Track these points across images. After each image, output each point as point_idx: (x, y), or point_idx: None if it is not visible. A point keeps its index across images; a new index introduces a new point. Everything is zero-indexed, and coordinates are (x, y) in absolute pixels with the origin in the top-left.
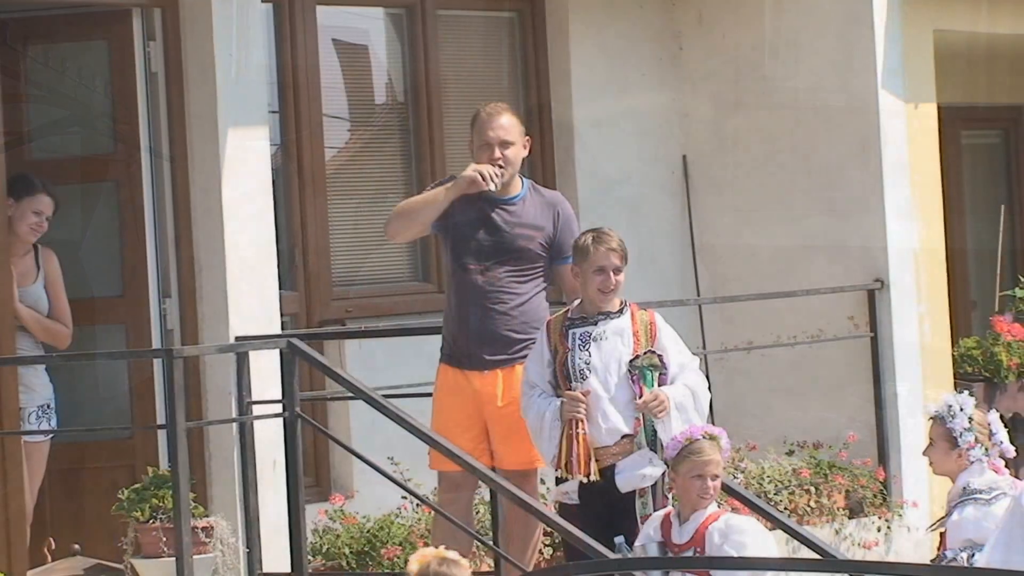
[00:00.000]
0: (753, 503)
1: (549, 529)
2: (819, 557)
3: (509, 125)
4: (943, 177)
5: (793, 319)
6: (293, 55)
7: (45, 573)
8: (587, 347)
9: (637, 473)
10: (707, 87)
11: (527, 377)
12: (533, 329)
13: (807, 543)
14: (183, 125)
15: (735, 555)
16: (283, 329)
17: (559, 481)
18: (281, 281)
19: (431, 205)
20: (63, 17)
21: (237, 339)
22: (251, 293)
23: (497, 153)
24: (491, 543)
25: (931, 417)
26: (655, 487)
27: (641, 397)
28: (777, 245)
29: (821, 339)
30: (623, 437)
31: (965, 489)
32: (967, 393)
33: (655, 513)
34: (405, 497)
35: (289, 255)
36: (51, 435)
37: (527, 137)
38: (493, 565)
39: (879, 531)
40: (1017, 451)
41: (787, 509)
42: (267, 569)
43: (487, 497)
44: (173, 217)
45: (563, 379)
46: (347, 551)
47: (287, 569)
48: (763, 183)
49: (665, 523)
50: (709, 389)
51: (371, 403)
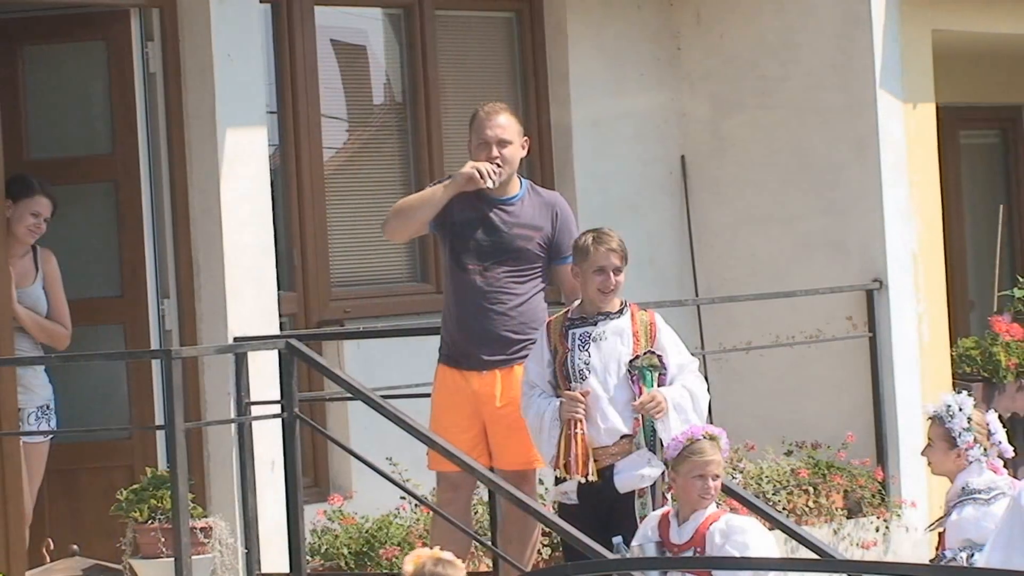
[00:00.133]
0: (751, 503)
1: (548, 529)
2: (817, 557)
3: (507, 124)
4: (941, 177)
5: (792, 319)
6: (291, 55)
7: (44, 573)
8: (587, 347)
9: (636, 473)
10: (705, 87)
11: (527, 377)
12: (531, 330)
13: (805, 543)
14: (181, 126)
15: (737, 555)
16: (281, 330)
17: (558, 481)
18: (279, 281)
19: (428, 203)
20: (61, 17)
21: (236, 340)
22: (249, 294)
23: (495, 152)
24: (490, 543)
25: (930, 417)
26: (654, 487)
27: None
28: (775, 245)
29: (820, 339)
30: (622, 437)
31: (964, 489)
32: (965, 393)
33: (652, 513)
34: (404, 497)
35: (288, 255)
36: (50, 436)
37: (525, 138)
38: (492, 565)
39: (877, 531)
40: (1015, 451)
41: (785, 509)
42: (266, 569)
43: (486, 497)
44: (171, 218)
45: (563, 379)
46: (346, 551)
47: (286, 569)
48: (761, 183)
49: (663, 523)
50: (708, 390)
51: (369, 404)
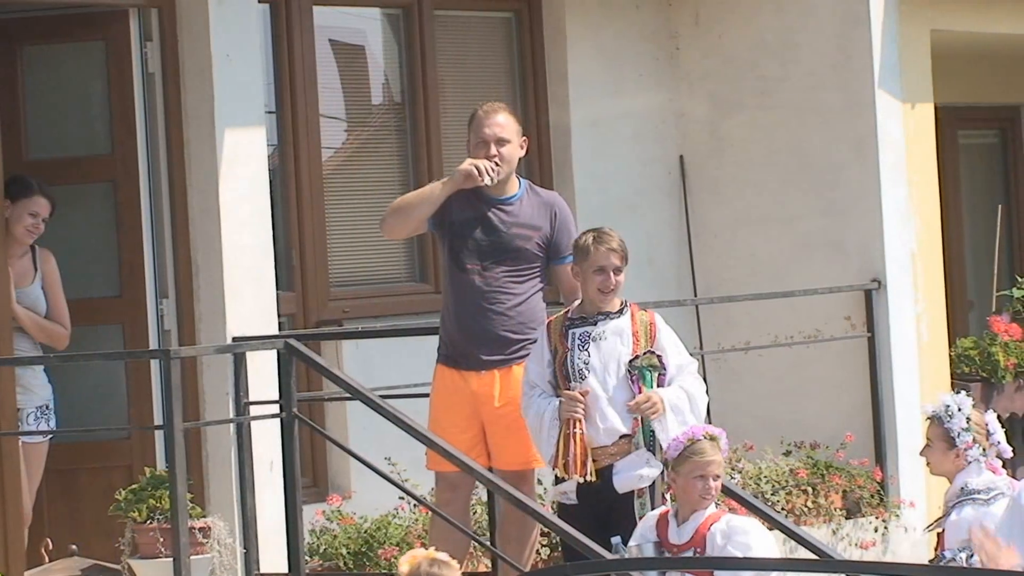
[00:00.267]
0: (750, 503)
1: (546, 529)
2: (816, 558)
3: (505, 123)
4: (940, 177)
5: (790, 319)
6: (290, 55)
7: (43, 574)
8: (586, 347)
9: (634, 474)
10: (704, 87)
11: (528, 377)
12: (530, 330)
13: (804, 543)
14: (180, 126)
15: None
16: (280, 330)
17: (558, 481)
18: (278, 281)
19: (427, 200)
20: (60, 17)
21: (234, 340)
22: (248, 294)
23: (493, 150)
24: (488, 543)
25: (928, 417)
26: (653, 488)
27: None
28: (774, 245)
29: (818, 339)
30: (621, 437)
31: (963, 489)
32: (964, 393)
33: (649, 513)
34: (402, 497)
35: (286, 255)
36: (49, 436)
37: (524, 138)
38: (490, 566)
39: (876, 531)
40: (1014, 451)
41: (784, 509)
42: (264, 569)
43: (484, 498)
44: (170, 218)
45: (563, 379)
46: (344, 551)
47: (284, 570)
48: (760, 183)
49: (661, 523)
50: (707, 392)
51: (368, 404)
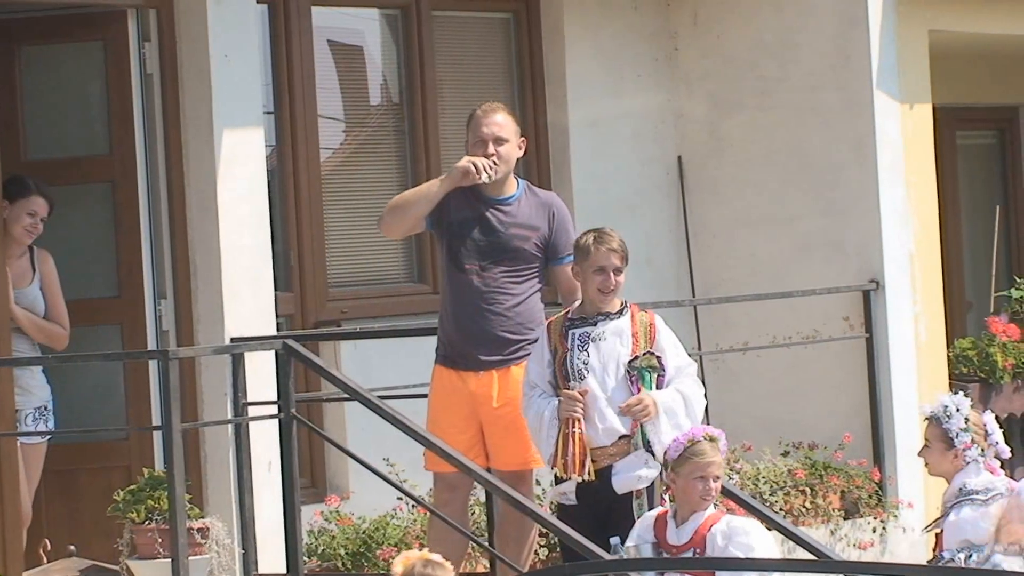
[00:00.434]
0: (748, 504)
1: (545, 530)
2: (815, 558)
3: (503, 122)
4: (938, 178)
5: (789, 320)
6: (288, 56)
7: (41, 574)
8: (586, 347)
9: (633, 474)
10: (703, 87)
11: (528, 377)
12: (528, 330)
13: (803, 544)
14: (178, 126)
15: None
16: (278, 330)
17: (557, 481)
18: (276, 282)
19: (424, 198)
20: (59, 18)
21: (232, 340)
22: (246, 294)
23: (491, 149)
24: (487, 544)
25: (927, 418)
26: (651, 488)
27: None
28: (773, 245)
29: (817, 340)
30: (620, 438)
31: (961, 490)
32: (962, 394)
33: (647, 513)
34: (400, 498)
35: (284, 256)
36: (48, 437)
37: (522, 138)
38: (489, 566)
39: (874, 532)
40: (1012, 452)
41: (782, 510)
42: (263, 570)
43: (483, 498)
44: (168, 218)
45: (562, 379)
46: (343, 552)
47: (283, 570)
48: (758, 184)
49: (659, 523)
50: (705, 395)
51: (366, 404)
